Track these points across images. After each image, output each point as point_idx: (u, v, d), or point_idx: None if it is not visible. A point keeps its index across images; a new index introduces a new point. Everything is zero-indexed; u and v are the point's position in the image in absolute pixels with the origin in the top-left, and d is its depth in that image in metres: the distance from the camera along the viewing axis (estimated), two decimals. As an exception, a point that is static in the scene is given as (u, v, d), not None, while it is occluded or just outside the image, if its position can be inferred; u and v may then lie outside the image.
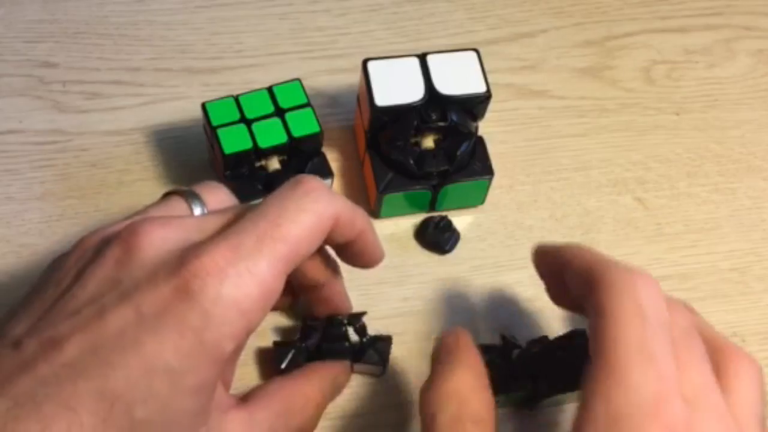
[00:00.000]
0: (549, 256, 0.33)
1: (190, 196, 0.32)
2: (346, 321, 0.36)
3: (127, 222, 0.29)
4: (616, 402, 0.26)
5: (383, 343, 0.37)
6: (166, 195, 0.33)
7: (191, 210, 0.31)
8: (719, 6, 0.53)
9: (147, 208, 0.31)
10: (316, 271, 0.34)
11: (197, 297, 0.26)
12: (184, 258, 0.26)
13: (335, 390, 0.35)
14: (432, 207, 0.42)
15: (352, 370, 0.36)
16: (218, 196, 0.33)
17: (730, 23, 0.52)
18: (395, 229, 0.42)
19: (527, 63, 0.49)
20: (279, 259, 0.27)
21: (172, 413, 0.26)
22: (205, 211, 0.32)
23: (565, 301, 0.33)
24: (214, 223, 0.29)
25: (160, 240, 0.27)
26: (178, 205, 0.31)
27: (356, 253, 0.33)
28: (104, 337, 0.26)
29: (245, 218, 0.28)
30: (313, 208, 0.29)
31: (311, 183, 0.30)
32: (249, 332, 0.28)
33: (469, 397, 0.29)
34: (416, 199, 0.41)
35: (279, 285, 0.28)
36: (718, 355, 0.29)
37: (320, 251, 0.34)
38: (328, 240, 0.31)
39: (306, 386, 0.33)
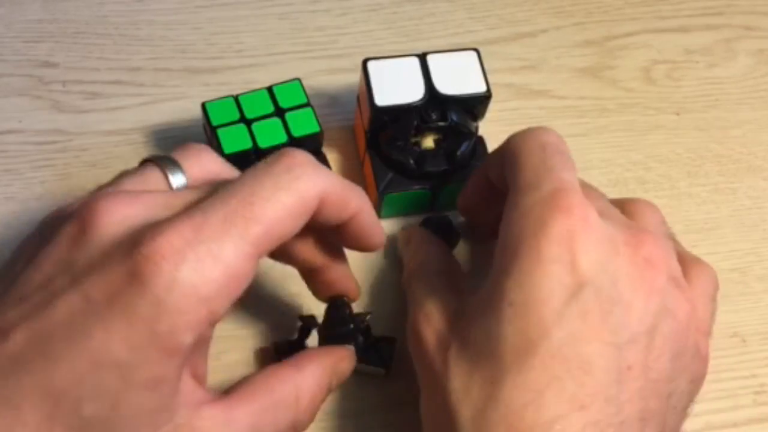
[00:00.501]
0: (471, 183, 0.37)
1: (169, 165, 0.28)
2: (349, 305, 0.35)
3: (89, 197, 0.26)
4: (523, 203, 0.29)
5: (387, 344, 0.36)
6: (144, 162, 0.29)
7: (168, 180, 0.28)
8: (719, 6, 0.53)
9: (119, 178, 0.28)
10: (309, 254, 0.31)
11: (148, 283, 0.23)
12: (140, 238, 0.24)
13: (336, 379, 0.31)
14: (432, 207, 0.42)
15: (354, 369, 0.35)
16: (202, 163, 0.29)
17: (730, 23, 0.52)
18: (395, 229, 0.42)
19: (527, 63, 0.49)
20: (249, 242, 0.25)
21: (126, 409, 0.24)
22: (184, 181, 0.28)
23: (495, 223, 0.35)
24: (185, 199, 0.26)
25: (121, 217, 0.25)
26: (152, 176, 0.28)
27: (351, 236, 0.30)
28: (51, 326, 0.23)
29: (215, 195, 0.25)
30: (294, 186, 0.26)
31: (295, 158, 0.27)
32: (212, 321, 0.25)
33: (432, 255, 0.35)
34: (416, 199, 0.41)
35: (248, 270, 0.25)
36: (619, 205, 0.33)
37: (314, 232, 0.31)
38: (316, 221, 0.28)
39: (298, 376, 0.29)
